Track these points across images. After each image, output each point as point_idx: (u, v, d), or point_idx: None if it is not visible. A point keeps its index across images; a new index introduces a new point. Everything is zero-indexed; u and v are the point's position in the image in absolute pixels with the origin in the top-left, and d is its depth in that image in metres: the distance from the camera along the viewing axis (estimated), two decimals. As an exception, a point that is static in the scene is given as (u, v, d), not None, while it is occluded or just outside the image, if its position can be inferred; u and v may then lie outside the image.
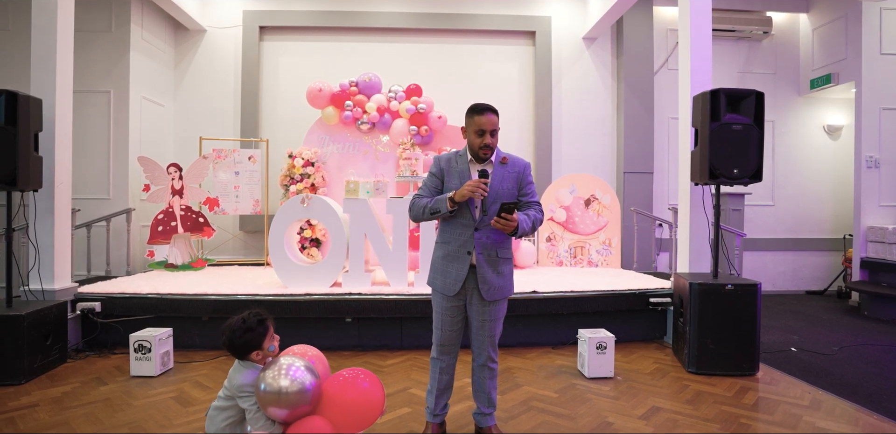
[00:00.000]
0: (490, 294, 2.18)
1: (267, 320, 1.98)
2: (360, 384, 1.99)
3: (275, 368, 1.87)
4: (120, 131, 5.07)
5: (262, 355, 1.95)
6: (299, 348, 2.10)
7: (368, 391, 1.98)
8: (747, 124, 3.27)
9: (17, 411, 2.57)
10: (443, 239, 2.24)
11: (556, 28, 6.11)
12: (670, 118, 6.21)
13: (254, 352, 1.94)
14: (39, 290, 3.44)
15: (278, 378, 1.83)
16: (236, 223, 5.82)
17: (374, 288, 3.84)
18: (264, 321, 1.97)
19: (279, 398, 1.82)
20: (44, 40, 3.53)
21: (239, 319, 1.94)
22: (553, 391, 2.91)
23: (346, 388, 1.97)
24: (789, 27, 6.52)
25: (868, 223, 5.59)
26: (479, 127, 2.13)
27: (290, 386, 1.83)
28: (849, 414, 2.61)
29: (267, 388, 1.83)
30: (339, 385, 1.98)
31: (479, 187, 2.04)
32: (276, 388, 1.82)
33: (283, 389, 1.82)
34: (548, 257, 5.38)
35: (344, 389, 1.96)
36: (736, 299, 3.21)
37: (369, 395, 1.97)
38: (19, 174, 3.06)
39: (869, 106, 5.63)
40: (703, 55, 3.85)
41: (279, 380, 1.83)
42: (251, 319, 1.94)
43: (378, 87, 5.35)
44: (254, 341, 1.92)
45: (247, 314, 1.96)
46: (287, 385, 1.82)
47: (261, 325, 1.95)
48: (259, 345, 1.93)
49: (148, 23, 5.40)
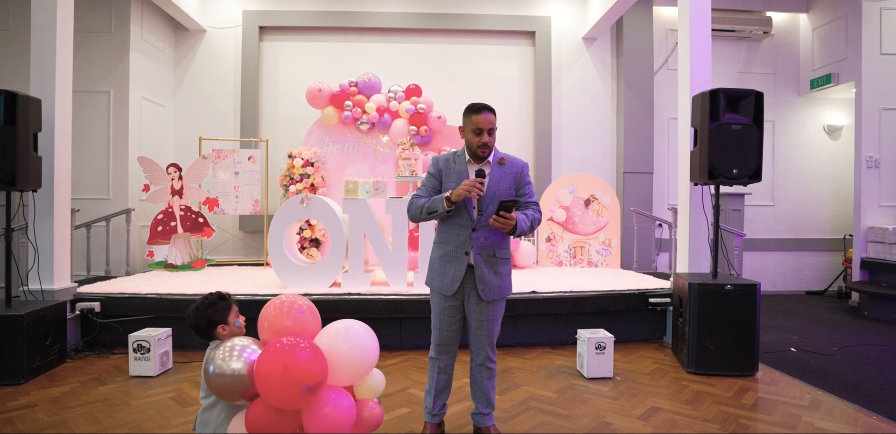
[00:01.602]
0: (488, 294, 2.18)
1: (229, 297, 1.97)
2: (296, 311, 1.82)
3: (226, 349, 1.71)
4: (120, 131, 5.07)
5: (228, 331, 1.90)
6: (288, 297, 1.88)
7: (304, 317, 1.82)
8: (747, 124, 3.26)
9: (16, 411, 2.57)
10: (441, 239, 2.24)
11: (556, 28, 6.11)
12: (670, 118, 6.21)
13: (219, 326, 1.89)
14: (39, 290, 3.44)
15: (229, 360, 1.67)
16: (236, 223, 5.82)
17: (373, 288, 3.84)
18: (226, 297, 1.96)
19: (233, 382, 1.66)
20: (43, 40, 3.53)
21: (200, 299, 1.94)
22: (552, 391, 2.91)
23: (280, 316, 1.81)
24: (789, 27, 6.52)
25: (868, 223, 5.58)
26: (476, 126, 2.13)
27: (243, 369, 1.66)
28: (848, 414, 2.60)
29: (216, 371, 1.67)
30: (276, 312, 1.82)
31: (474, 187, 2.04)
32: (228, 371, 1.66)
33: (235, 373, 1.66)
34: (547, 257, 5.38)
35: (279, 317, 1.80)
36: (735, 299, 3.20)
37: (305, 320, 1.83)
38: (18, 174, 3.06)
39: (869, 106, 5.63)
40: (702, 55, 3.85)
41: (230, 362, 1.67)
42: (212, 296, 1.93)
43: (378, 87, 5.35)
44: (217, 315, 1.89)
45: (207, 294, 1.96)
46: (239, 368, 1.66)
47: (223, 300, 1.93)
48: (224, 318, 1.89)
49: (148, 23, 5.40)
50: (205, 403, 1.85)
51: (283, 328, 1.79)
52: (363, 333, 1.91)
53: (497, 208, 2.03)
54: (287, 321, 1.80)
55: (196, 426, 1.88)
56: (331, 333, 1.88)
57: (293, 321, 1.81)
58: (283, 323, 1.80)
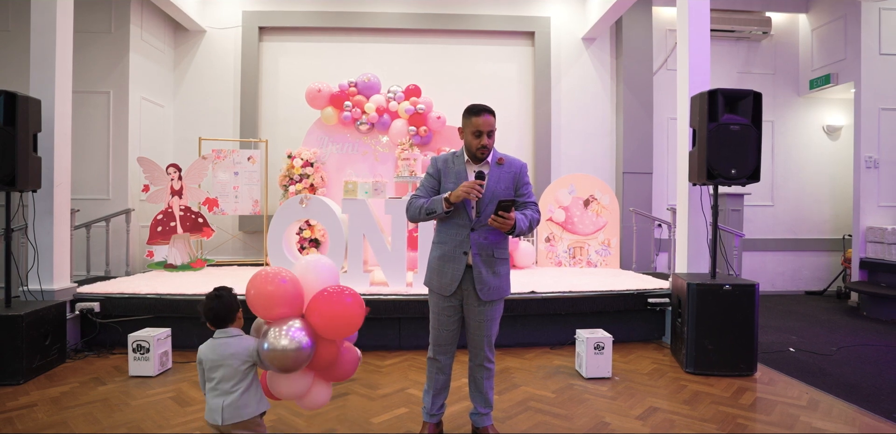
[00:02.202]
0: (486, 294, 2.18)
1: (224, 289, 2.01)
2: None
3: (278, 330, 1.88)
4: (119, 132, 5.08)
5: (239, 315, 1.98)
6: (273, 268, 2.03)
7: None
8: (745, 125, 3.27)
9: (16, 411, 2.58)
10: (439, 239, 2.25)
11: (556, 28, 6.12)
12: (669, 118, 6.21)
13: (238, 312, 1.96)
14: (38, 290, 3.45)
15: (286, 336, 1.87)
16: (236, 223, 5.83)
17: (372, 288, 3.85)
18: (228, 288, 1.99)
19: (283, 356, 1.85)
20: (43, 41, 3.54)
21: (209, 295, 1.95)
22: (550, 391, 2.91)
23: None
24: (788, 27, 6.52)
25: (867, 223, 5.59)
26: (475, 128, 2.14)
27: (290, 344, 1.86)
28: (846, 414, 2.61)
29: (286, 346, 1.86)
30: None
31: (473, 189, 2.05)
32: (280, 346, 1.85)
33: (285, 348, 1.86)
34: (547, 258, 5.38)
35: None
36: (734, 300, 3.21)
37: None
38: (18, 174, 3.07)
39: (868, 106, 5.63)
40: (701, 56, 3.85)
41: (291, 338, 1.87)
42: (218, 290, 1.96)
43: (377, 87, 5.36)
44: (233, 303, 1.94)
45: (220, 287, 1.98)
46: (287, 344, 1.86)
47: (225, 290, 1.98)
48: (238, 305, 1.96)
49: (147, 23, 5.40)
50: (240, 388, 1.87)
51: (268, 293, 1.93)
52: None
53: (496, 208, 2.03)
54: (271, 286, 1.93)
55: (228, 415, 1.84)
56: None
57: (276, 286, 1.94)
58: (266, 288, 1.93)
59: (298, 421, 2.50)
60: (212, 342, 1.92)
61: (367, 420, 2.52)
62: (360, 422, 2.50)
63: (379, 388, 2.96)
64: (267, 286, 1.91)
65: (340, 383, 3.00)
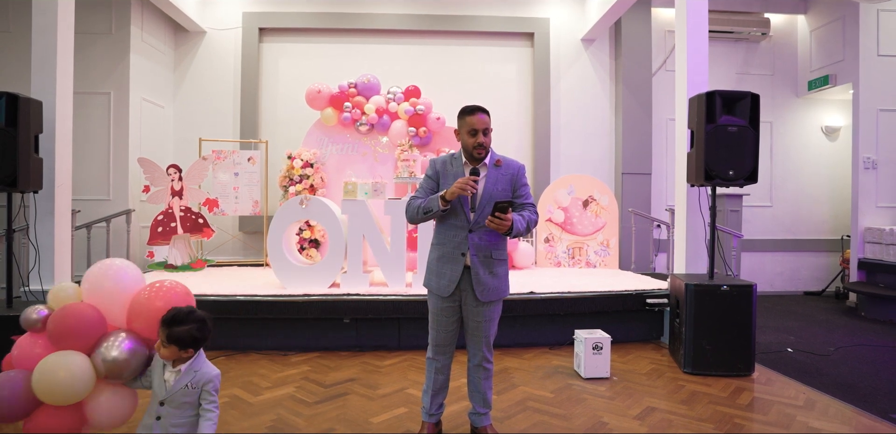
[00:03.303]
0: (485, 295, 2.20)
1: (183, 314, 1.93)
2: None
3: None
4: (120, 132, 5.10)
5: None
6: (169, 282, 2.11)
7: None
8: (743, 126, 3.28)
9: (17, 411, 2.59)
10: (438, 240, 2.26)
11: (555, 29, 6.14)
12: (668, 119, 6.23)
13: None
14: (40, 290, 3.46)
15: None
16: (236, 224, 5.84)
17: (372, 289, 3.86)
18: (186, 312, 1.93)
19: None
20: (44, 42, 3.55)
21: (191, 315, 1.91)
22: (549, 391, 2.93)
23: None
24: (787, 29, 6.54)
25: (865, 224, 5.60)
26: (471, 127, 2.16)
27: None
28: (843, 414, 2.62)
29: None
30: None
31: (468, 184, 2.06)
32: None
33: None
34: (546, 258, 5.40)
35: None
36: (732, 300, 3.23)
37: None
38: (19, 175, 3.08)
39: (866, 107, 5.65)
40: (699, 57, 3.87)
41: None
42: (195, 314, 1.92)
43: (377, 88, 5.38)
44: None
45: (187, 309, 1.93)
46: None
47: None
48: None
49: (148, 25, 5.42)
50: (216, 403, 1.90)
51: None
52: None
53: (493, 209, 2.05)
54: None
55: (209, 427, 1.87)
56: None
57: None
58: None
59: (298, 420, 2.52)
60: None
61: (367, 420, 2.54)
62: (360, 421, 2.51)
63: (378, 387, 2.98)
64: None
65: (340, 382, 3.02)
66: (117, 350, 1.96)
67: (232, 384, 3.01)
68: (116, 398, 2.06)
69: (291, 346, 3.72)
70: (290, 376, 3.16)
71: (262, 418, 2.54)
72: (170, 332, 1.85)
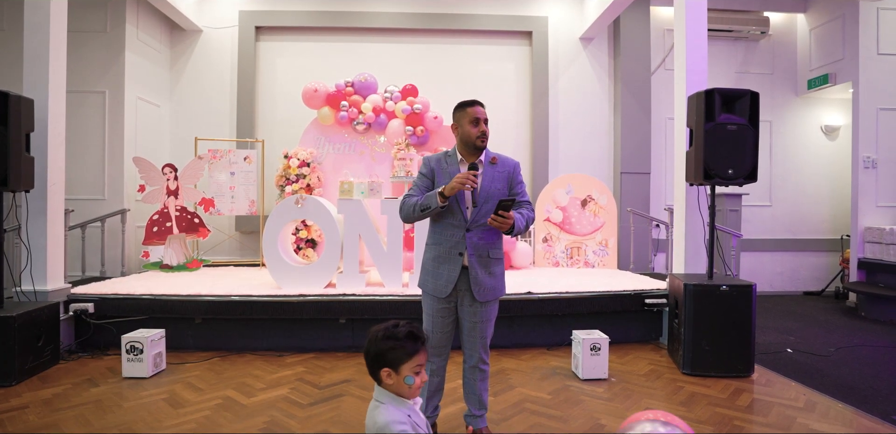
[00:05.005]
0: (482, 295, 2.17)
1: (421, 340, 1.47)
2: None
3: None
4: (115, 132, 5.06)
5: (394, 381, 1.45)
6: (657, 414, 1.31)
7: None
8: (742, 125, 3.25)
9: (7, 413, 2.56)
10: (433, 240, 2.23)
11: (553, 28, 6.10)
12: (667, 118, 6.19)
13: (384, 369, 1.44)
14: (32, 291, 3.43)
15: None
16: (232, 224, 5.80)
17: (368, 289, 3.83)
18: (417, 339, 1.46)
19: None
20: (37, 40, 3.52)
21: (391, 323, 1.50)
22: (546, 393, 2.90)
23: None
24: (787, 27, 6.51)
25: (865, 224, 5.57)
26: (473, 116, 2.16)
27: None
28: (843, 416, 2.59)
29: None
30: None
31: (468, 179, 2.02)
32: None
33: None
34: (544, 258, 5.36)
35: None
36: (731, 300, 3.19)
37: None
38: (10, 175, 3.04)
39: (866, 106, 5.62)
40: (698, 55, 3.84)
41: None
42: (402, 328, 1.47)
43: (374, 87, 5.34)
44: (390, 354, 1.43)
45: (403, 321, 1.51)
46: None
47: (409, 340, 1.45)
48: (394, 362, 1.44)
49: (143, 23, 5.38)
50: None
51: None
52: None
53: (496, 207, 2.02)
54: None
55: None
56: None
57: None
58: None
59: (292, 422, 2.49)
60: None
61: (361, 422, 2.49)
62: (354, 424, 2.48)
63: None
64: None
65: (335, 383, 2.99)
66: None
67: (226, 385, 2.98)
68: None
69: (287, 347, 3.69)
70: (285, 377, 3.13)
71: (254, 420, 2.51)
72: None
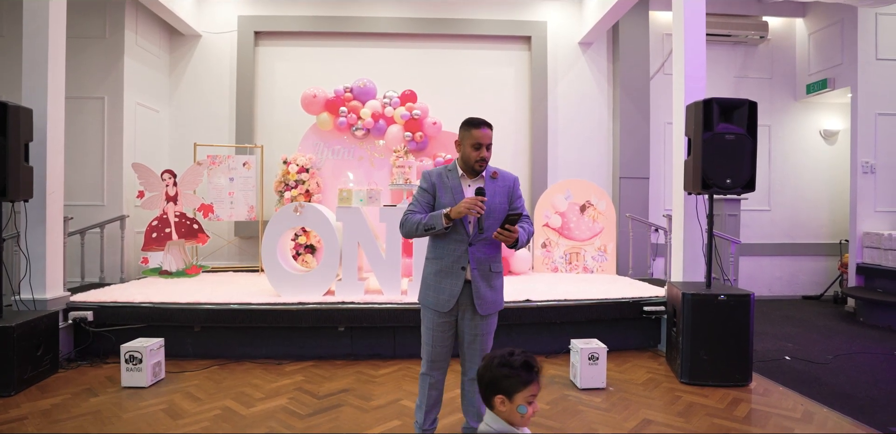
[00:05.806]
0: (484, 308, 2.18)
1: (536, 370, 1.52)
2: None
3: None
4: (114, 137, 5.06)
5: (507, 408, 1.49)
6: None
7: None
8: (740, 134, 3.26)
9: (5, 425, 2.56)
10: (435, 255, 2.23)
11: (552, 33, 6.11)
12: (666, 123, 6.19)
13: (497, 396, 1.49)
14: (31, 299, 3.43)
15: None
16: (231, 229, 5.80)
17: (367, 297, 3.83)
18: (532, 369, 1.51)
19: None
20: (36, 47, 3.52)
21: (508, 351, 1.56)
22: (544, 403, 2.90)
23: None
24: (785, 32, 6.52)
25: (864, 229, 5.58)
26: (476, 141, 2.14)
27: None
28: (841, 427, 2.60)
29: None
30: None
31: (475, 205, 2.04)
32: None
33: None
34: (543, 263, 5.37)
35: None
36: (729, 309, 3.20)
37: None
38: (9, 185, 3.05)
39: (865, 111, 5.62)
40: (697, 62, 3.84)
41: None
42: (518, 356, 1.52)
43: (373, 92, 5.34)
44: (504, 382, 1.49)
45: (519, 350, 1.56)
46: None
47: (524, 369, 1.49)
48: (508, 390, 1.48)
49: (142, 28, 5.38)
50: None
51: None
52: None
53: (503, 222, 2.04)
54: None
55: None
56: None
57: None
58: None
59: (290, 434, 2.49)
60: None
61: (360, 433, 2.51)
62: (353, 435, 2.48)
63: (372, 398, 2.95)
64: None
65: (333, 393, 2.99)
66: None
67: (225, 395, 2.98)
68: None
69: (286, 355, 3.69)
70: (284, 386, 3.13)
71: (253, 431, 2.51)
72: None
